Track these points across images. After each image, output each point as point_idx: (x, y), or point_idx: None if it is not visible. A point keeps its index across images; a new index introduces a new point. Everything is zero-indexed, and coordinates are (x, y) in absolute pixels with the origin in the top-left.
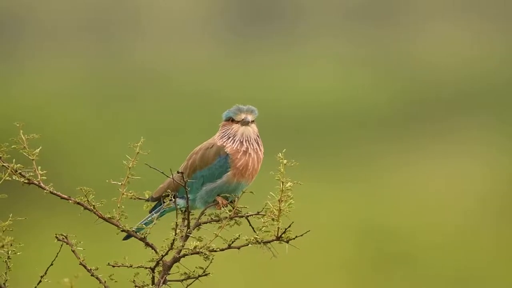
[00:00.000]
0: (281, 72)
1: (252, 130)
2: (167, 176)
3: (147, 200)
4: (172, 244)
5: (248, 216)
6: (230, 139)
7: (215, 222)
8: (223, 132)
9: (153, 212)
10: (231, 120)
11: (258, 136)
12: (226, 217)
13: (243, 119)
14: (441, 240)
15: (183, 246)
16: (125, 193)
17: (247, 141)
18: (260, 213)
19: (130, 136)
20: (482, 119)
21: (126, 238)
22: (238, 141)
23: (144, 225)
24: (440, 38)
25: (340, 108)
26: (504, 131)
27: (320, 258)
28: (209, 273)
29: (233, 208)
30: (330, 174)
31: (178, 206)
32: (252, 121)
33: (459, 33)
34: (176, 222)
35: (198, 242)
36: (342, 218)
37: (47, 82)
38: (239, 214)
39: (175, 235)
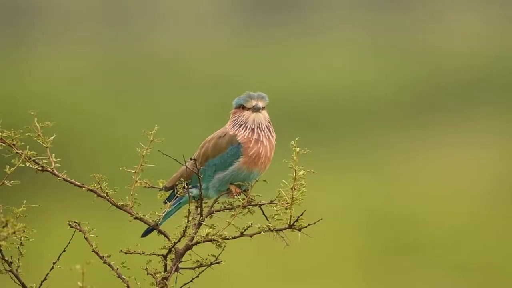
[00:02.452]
0: (295, 60)
1: (263, 116)
2: (180, 163)
3: (161, 190)
4: (185, 231)
5: (261, 204)
6: (242, 127)
7: (228, 210)
8: (234, 120)
9: (167, 202)
10: (242, 107)
11: (269, 122)
12: (239, 206)
13: (254, 106)
14: (454, 228)
15: (195, 234)
16: (138, 181)
17: (258, 128)
18: (273, 202)
19: (143, 122)
20: (495, 107)
21: (144, 234)
22: (249, 129)
23: (163, 219)
24: (455, 26)
25: (353, 96)
26: None
27: (332, 246)
28: (221, 261)
29: (246, 197)
30: (343, 161)
31: (191, 195)
32: (263, 108)
33: (474, 21)
34: (189, 210)
35: (211, 229)
36: (355, 206)
37: (61, 68)
38: (252, 203)
39: (187, 222)
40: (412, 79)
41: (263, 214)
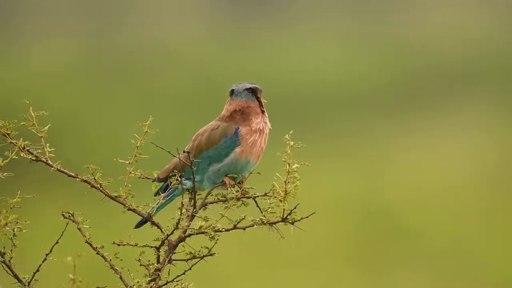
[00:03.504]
0: (280, 50)
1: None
2: (173, 156)
3: (154, 180)
4: (178, 223)
5: (255, 197)
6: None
7: (221, 203)
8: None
9: (160, 193)
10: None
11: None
12: (233, 198)
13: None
14: (439, 217)
15: (188, 226)
16: (132, 172)
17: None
18: (267, 194)
19: (128, 112)
20: (480, 99)
21: (138, 226)
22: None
23: (156, 210)
24: (442, 17)
25: (339, 86)
26: (501, 110)
27: (319, 236)
28: (214, 253)
29: (240, 189)
30: (329, 152)
31: (184, 187)
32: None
33: (461, 13)
34: (182, 202)
35: (204, 222)
36: (341, 196)
37: (42, 61)
38: (246, 195)
39: (180, 214)
40: (398, 70)
41: (257, 206)
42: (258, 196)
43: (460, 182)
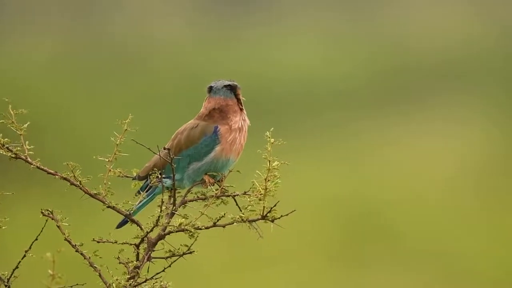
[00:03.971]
0: (263, 48)
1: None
2: (154, 153)
3: (134, 179)
4: (157, 221)
5: (234, 195)
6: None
7: (201, 201)
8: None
9: (140, 192)
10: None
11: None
12: (213, 196)
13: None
14: (421, 215)
15: (168, 223)
16: (112, 170)
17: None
18: (247, 193)
19: (111, 110)
20: (461, 95)
21: (119, 226)
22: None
23: (137, 209)
24: (425, 16)
25: (321, 83)
26: (482, 106)
27: (300, 234)
28: (193, 251)
29: (220, 187)
30: (311, 150)
31: (164, 185)
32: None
33: (444, 13)
34: (162, 199)
35: (184, 219)
36: (323, 194)
37: (26, 58)
38: (225, 193)
39: (160, 211)
40: (381, 67)
41: (237, 205)
42: (237, 195)
43: (442, 179)
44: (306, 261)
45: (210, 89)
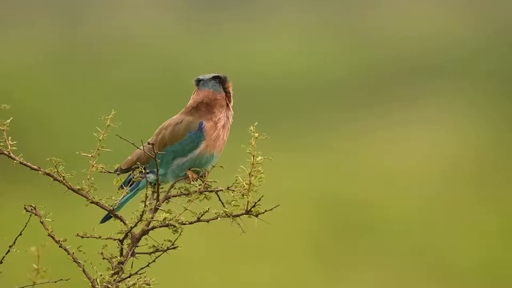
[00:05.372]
0: (244, 42)
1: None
2: (138, 148)
3: (116, 171)
4: (141, 216)
5: (218, 191)
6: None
7: (184, 196)
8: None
9: (123, 186)
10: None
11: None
12: (196, 191)
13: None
14: (405, 210)
15: (152, 218)
16: (95, 166)
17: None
18: (230, 188)
19: (98, 104)
20: (446, 86)
21: (103, 220)
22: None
23: (120, 204)
24: (403, 7)
25: (302, 78)
26: (467, 98)
27: (283, 229)
28: (177, 246)
29: (203, 182)
30: (293, 144)
31: (148, 180)
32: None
33: (421, 5)
34: (146, 194)
35: (168, 214)
36: (306, 189)
37: (6, 54)
38: (208, 189)
39: (144, 207)
40: (361, 62)
41: (220, 200)
42: (221, 190)
43: (429, 176)
44: (290, 257)
45: (198, 82)
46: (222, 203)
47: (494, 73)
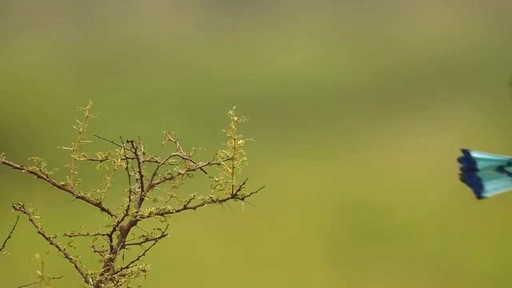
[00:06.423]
0: (262, 49)
1: None
2: (117, 145)
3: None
4: (127, 210)
5: (201, 166)
6: None
7: (168, 181)
8: None
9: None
10: None
11: None
12: (179, 173)
13: None
14: (420, 216)
15: (137, 212)
16: (76, 158)
17: None
18: (211, 163)
19: (113, 108)
20: (462, 96)
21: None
22: None
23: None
24: (424, 15)
25: (320, 84)
26: (483, 108)
27: (298, 233)
28: (167, 234)
29: (186, 166)
30: (311, 149)
31: None
32: None
33: (442, 11)
34: (130, 189)
35: (153, 206)
36: (322, 193)
37: (17, 59)
38: (191, 168)
39: (129, 201)
40: (379, 69)
41: (205, 171)
42: (204, 165)
43: (439, 181)
44: (302, 259)
45: None
46: (209, 176)
47: (506, 81)
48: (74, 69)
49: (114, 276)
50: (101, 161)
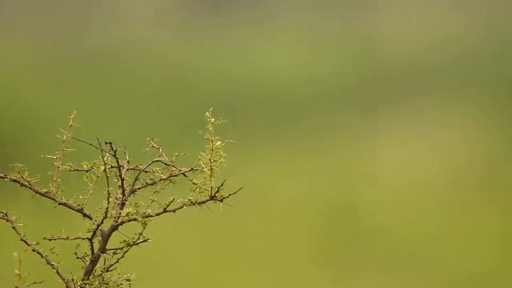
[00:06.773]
0: (249, 49)
1: None
2: (96, 148)
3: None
4: (106, 213)
5: (183, 172)
6: None
7: (150, 186)
8: None
9: None
10: None
11: None
12: (161, 179)
13: None
14: (409, 216)
15: (119, 215)
16: (61, 166)
17: None
18: (193, 169)
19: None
20: (457, 92)
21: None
22: None
23: None
24: (412, 17)
25: (307, 83)
26: (479, 105)
27: (286, 232)
28: (148, 239)
29: (168, 171)
30: (299, 148)
31: None
32: None
33: (431, 13)
34: (108, 191)
35: (134, 209)
36: (310, 193)
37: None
38: (173, 174)
39: (108, 203)
40: (369, 69)
41: (188, 178)
42: (187, 171)
43: (426, 181)
44: (290, 259)
45: None
46: (192, 182)
47: (504, 78)
48: (56, 71)
49: (94, 281)
50: (86, 171)
